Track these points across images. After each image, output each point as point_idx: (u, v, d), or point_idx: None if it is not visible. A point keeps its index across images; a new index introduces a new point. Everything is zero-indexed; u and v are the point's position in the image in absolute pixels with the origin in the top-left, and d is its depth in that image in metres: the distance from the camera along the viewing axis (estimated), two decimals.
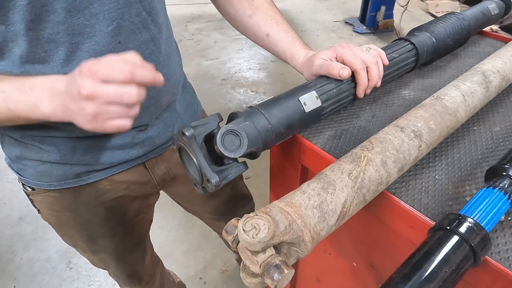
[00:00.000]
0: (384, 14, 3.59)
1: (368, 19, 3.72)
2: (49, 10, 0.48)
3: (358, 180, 0.40)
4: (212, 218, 1.03)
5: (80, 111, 0.44)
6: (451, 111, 0.52)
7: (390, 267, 0.58)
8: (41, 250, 1.71)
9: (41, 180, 0.65)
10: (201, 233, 1.76)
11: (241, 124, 0.47)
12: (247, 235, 0.33)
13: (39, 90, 0.46)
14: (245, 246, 0.33)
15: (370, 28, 3.75)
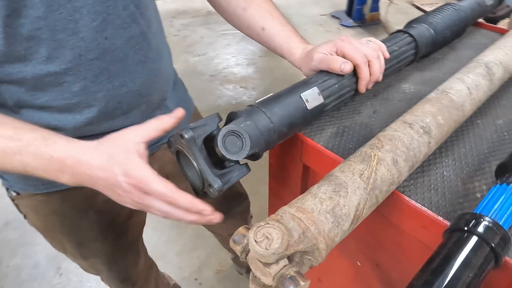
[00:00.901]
0: (370, 7, 3.60)
1: (355, 12, 3.72)
2: (27, 4, 0.44)
3: (370, 181, 0.38)
4: None
5: (123, 202, 0.45)
6: (458, 105, 0.50)
7: (397, 267, 0.57)
8: (28, 256, 1.65)
9: (27, 184, 0.61)
10: (195, 233, 1.73)
11: (242, 124, 0.44)
12: (259, 246, 0.30)
13: (57, 164, 0.43)
14: (258, 258, 0.31)
15: (357, 21, 3.75)
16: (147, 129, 0.45)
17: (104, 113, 0.56)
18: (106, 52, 0.51)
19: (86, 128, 0.57)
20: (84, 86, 0.52)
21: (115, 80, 0.54)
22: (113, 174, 0.42)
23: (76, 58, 0.49)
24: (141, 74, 0.57)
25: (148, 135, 0.44)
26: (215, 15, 4.56)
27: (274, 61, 3.15)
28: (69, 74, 0.50)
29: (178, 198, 0.42)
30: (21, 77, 0.48)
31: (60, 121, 0.54)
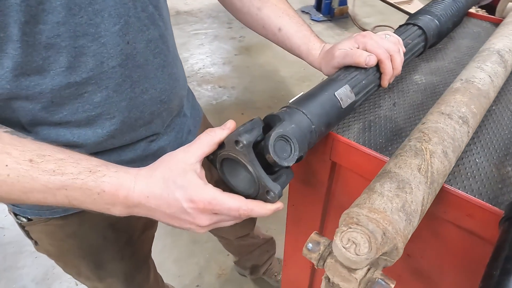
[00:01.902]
0: (339, 1, 3.67)
1: (324, 6, 3.78)
2: (46, 8, 0.40)
3: (428, 175, 0.38)
4: None
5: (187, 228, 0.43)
6: (485, 93, 0.51)
7: (429, 256, 0.58)
8: (14, 280, 1.54)
9: (42, 209, 0.57)
10: (190, 239, 1.69)
11: (288, 128, 0.43)
12: (349, 252, 0.29)
13: (109, 198, 0.40)
14: (348, 264, 0.30)
15: (326, 15, 3.81)
16: (201, 147, 0.43)
17: (126, 124, 0.53)
18: (128, 58, 0.48)
19: (108, 142, 0.53)
20: (106, 96, 0.48)
21: (137, 87, 0.51)
22: (175, 202, 0.40)
23: (98, 66, 0.46)
24: (161, 79, 0.54)
25: (203, 153, 0.42)
26: (184, 15, 4.50)
27: (250, 59, 3.13)
28: (90, 83, 0.46)
29: (254, 208, 0.41)
30: (38, 91, 0.44)
31: (80, 137, 0.50)
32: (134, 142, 0.57)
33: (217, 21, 3.76)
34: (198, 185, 0.40)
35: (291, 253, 0.87)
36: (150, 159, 0.62)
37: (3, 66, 0.40)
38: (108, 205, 0.41)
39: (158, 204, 0.40)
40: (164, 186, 0.40)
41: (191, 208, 0.40)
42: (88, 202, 0.40)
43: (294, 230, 0.80)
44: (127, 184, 0.40)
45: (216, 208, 0.40)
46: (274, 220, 1.75)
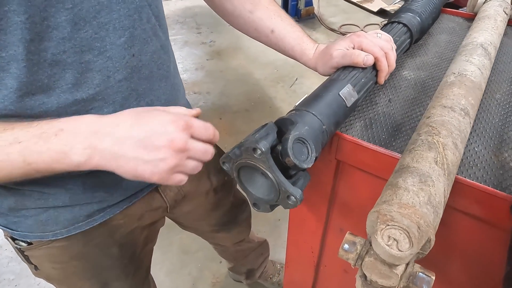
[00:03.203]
0: (305, 2, 3.73)
1: (291, 8, 3.83)
2: (51, 24, 0.38)
3: (445, 167, 0.40)
4: (212, 231, 0.97)
5: (156, 161, 0.38)
6: (478, 85, 0.54)
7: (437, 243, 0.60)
8: None
9: (44, 231, 0.53)
10: (180, 250, 1.66)
11: (303, 130, 0.43)
12: (392, 248, 0.30)
13: (68, 135, 0.37)
14: (392, 261, 0.30)
15: (294, 16, 3.86)
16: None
17: None
18: (134, 71, 0.47)
19: None
20: (113, 111, 0.46)
21: (142, 100, 0.49)
22: (150, 119, 0.38)
23: (105, 81, 0.44)
24: (165, 90, 0.53)
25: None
26: None
27: (222, 63, 3.12)
28: (97, 99, 0.44)
29: (209, 126, 0.43)
30: (43, 110, 0.41)
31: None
32: None
33: (185, 27, 3.72)
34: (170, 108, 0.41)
35: (294, 253, 0.88)
36: None
37: (7, 87, 0.38)
38: (66, 146, 0.37)
39: (129, 130, 0.38)
40: (134, 113, 0.39)
41: (167, 120, 0.39)
42: (44, 151, 0.37)
43: (297, 231, 0.81)
44: (91, 119, 0.38)
45: (192, 122, 0.40)
46: (264, 223, 1.75)
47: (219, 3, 0.67)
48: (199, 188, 0.78)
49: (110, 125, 0.38)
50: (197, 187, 0.77)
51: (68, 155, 0.37)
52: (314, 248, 0.80)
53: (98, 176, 0.53)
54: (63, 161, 0.37)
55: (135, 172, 0.39)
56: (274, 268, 1.47)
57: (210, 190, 0.82)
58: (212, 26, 3.67)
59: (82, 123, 0.38)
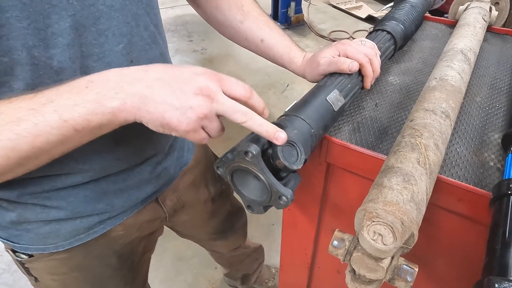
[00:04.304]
0: (294, 10, 3.79)
1: (281, 15, 3.88)
2: (56, 31, 0.40)
3: (427, 167, 0.42)
4: (210, 239, 0.98)
5: (185, 108, 0.38)
6: (458, 89, 0.57)
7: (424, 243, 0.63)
8: None
9: (45, 243, 0.54)
10: (175, 257, 1.66)
11: (292, 134, 0.46)
12: (377, 243, 0.32)
13: (98, 84, 0.37)
14: (377, 255, 0.32)
15: (284, 24, 3.92)
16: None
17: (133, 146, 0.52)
18: None
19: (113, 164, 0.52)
20: None
21: None
22: (180, 68, 0.39)
23: None
24: None
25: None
26: None
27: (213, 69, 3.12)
28: None
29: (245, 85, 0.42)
30: None
31: (86, 162, 0.49)
32: (139, 164, 0.57)
33: (176, 35, 3.75)
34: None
35: (288, 256, 0.89)
36: (154, 182, 0.62)
37: (13, 88, 0.39)
38: (99, 94, 0.37)
39: (159, 75, 0.38)
40: (164, 64, 0.40)
41: (198, 71, 0.39)
42: (78, 103, 0.37)
43: (290, 234, 0.82)
44: (118, 69, 0.39)
45: (223, 76, 0.41)
46: (258, 228, 1.76)
47: (210, 14, 0.69)
48: (197, 197, 0.80)
49: (139, 70, 0.39)
50: (195, 196, 0.79)
51: (101, 102, 0.37)
52: (307, 250, 0.81)
53: (99, 188, 0.54)
54: (98, 110, 0.37)
55: (162, 119, 0.38)
56: (269, 272, 1.48)
57: (208, 199, 0.83)
58: (203, 34, 3.71)
59: (110, 71, 0.38)
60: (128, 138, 0.53)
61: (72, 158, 0.48)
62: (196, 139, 0.41)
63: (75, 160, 0.49)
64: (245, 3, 0.67)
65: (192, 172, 0.74)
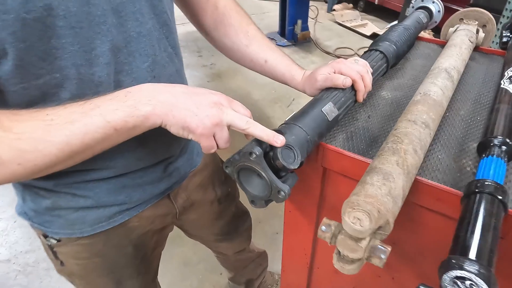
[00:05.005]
0: (301, 27, 3.92)
1: (288, 32, 4.02)
2: (98, 53, 0.49)
3: (405, 168, 0.50)
4: (216, 240, 1.05)
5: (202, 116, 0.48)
6: (439, 103, 0.65)
7: (411, 240, 0.69)
8: None
9: (73, 229, 0.62)
10: (182, 262, 1.72)
11: (290, 139, 0.53)
12: (356, 225, 0.39)
13: (134, 93, 0.47)
14: (356, 235, 0.39)
15: (290, 40, 4.05)
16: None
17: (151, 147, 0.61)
18: None
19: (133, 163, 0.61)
20: None
21: None
22: (197, 88, 0.50)
23: None
24: None
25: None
26: None
27: (222, 84, 3.26)
28: None
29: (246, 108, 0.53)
30: None
31: (111, 161, 0.58)
32: (155, 164, 0.65)
33: (187, 50, 3.89)
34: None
35: (289, 257, 0.96)
36: (167, 180, 0.70)
37: (61, 98, 0.48)
38: (135, 101, 0.46)
39: (183, 90, 0.49)
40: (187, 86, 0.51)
41: (213, 93, 0.50)
42: (119, 108, 0.46)
43: (291, 235, 0.89)
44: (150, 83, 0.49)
45: (231, 99, 0.51)
46: (262, 236, 1.82)
47: (218, 39, 0.78)
48: (205, 197, 0.87)
49: (168, 86, 0.49)
50: (203, 196, 0.86)
51: (137, 107, 0.46)
52: (307, 250, 0.88)
53: (120, 182, 0.63)
54: (133, 113, 0.46)
55: (184, 123, 0.47)
56: (272, 278, 1.53)
57: (214, 200, 0.91)
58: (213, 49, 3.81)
59: (144, 85, 0.49)
60: (147, 141, 0.61)
61: (101, 157, 0.56)
62: (207, 144, 0.50)
63: (103, 158, 0.57)
64: (250, 29, 0.76)
65: (201, 174, 0.82)
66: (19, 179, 0.46)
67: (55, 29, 0.44)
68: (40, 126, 0.43)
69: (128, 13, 0.51)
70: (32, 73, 0.46)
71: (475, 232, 0.43)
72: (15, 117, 0.43)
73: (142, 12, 0.53)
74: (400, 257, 0.73)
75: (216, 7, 0.75)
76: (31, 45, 0.43)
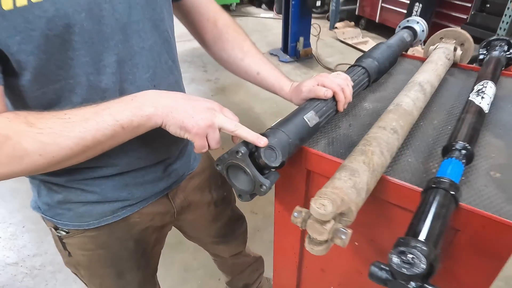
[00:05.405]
0: (303, 44, 4.05)
1: (290, 49, 4.15)
2: (106, 64, 0.58)
3: (370, 166, 0.57)
4: (213, 242, 1.12)
5: (198, 118, 0.56)
6: (409, 112, 0.72)
7: (386, 235, 0.76)
8: None
9: (81, 221, 0.70)
10: (182, 267, 1.78)
11: (273, 141, 0.61)
12: (320, 210, 0.46)
13: (139, 97, 0.56)
14: (319, 218, 0.47)
15: (293, 57, 4.17)
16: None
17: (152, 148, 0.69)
18: None
19: (135, 162, 0.69)
20: None
21: None
22: (195, 98, 0.59)
23: None
24: None
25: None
26: None
27: (226, 98, 3.37)
28: None
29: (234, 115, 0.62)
30: None
31: (117, 159, 0.66)
32: (155, 163, 0.73)
33: (193, 66, 4.03)
34: None
35: (279, 256, 1.02)
36: (165, 180, 0.78)
37: (73, 102, 0.57)
38: (141, 103, 0.55)
39: (182, 96, 0.57)
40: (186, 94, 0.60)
41: (208, 100, 0.59)
42: (126, 109, 0.54)
43: (281, 235, 0.96)
44: (155, 90, 0.58)
45: (222, 107, 0.60)
46: (260, 244, 1.88)
47: (217, 53, 0.88)
48: (202, 199, 0.95)
49: (168, 92, 0.58)
50: (200, 198, 0.94)
51: (142, 108, 0.54)
52: (295, 250, 0.95)
53: (124, 180, 0.71)
54: (138, 113, 0.54)
55: (181, 123, 0.55)
56: (268, 284, 1.58)
57: (211, 202, 0.98)
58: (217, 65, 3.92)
59: (149, 91, 0.57)
60: (148, 143, 0.70)
61: (107, 155, 0.65)
62: (200, 143, 0.58)
63: (109, 156, 0.65)
64: (245, 45, 0.85)
65: (198, 177, 0.90)
66: (39, 170, 0.54)
67: (71, 43, 0.54)
68: (59, 123, 0.51)
69: (133, 31, 0.60)
70: (51, 79, 0.55)
71: (426, 219, 0.51)
72: (39, 115, 0.52)
73: (145, 30, 0.62)
74: (377, 253, 0.79)
75: (215, 25, 0.85)
76: (51, 56, 0.53)
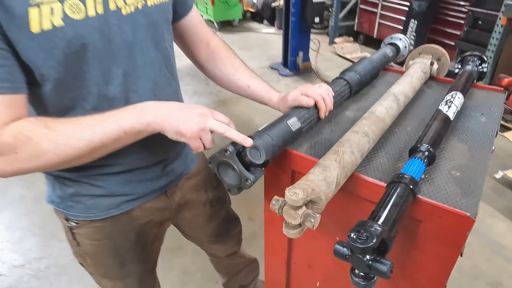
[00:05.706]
0: (302, 58, 4.18)
1: (290, 63, 4.28)
2: (113, 76, 0.68)
3: (341, 163, 0.66)
4: (209, 242, 1.20)
5: (191, 123, 0.65)
6: (381, 119, 0.82)
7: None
8: None
9: (89, 213, 0.79)
10: (181, 271, 1.85)
11: (258, 143, 0.70)
12: (293, 197, 0.55)
13: (140, 107, 0.66)
14: (292, 203, 0.56)
15: (292, 70, 4.30)
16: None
17: (152, 150, 0.79)
18: None
19: (137, 161, 0.78)
20: None
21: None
22: (187, 105, 0.67)
23: None
24: None
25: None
26: None
27: (227, 110, 3.48)
28: None
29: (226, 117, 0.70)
30: None
31: (121, 158, 0.75)
32: (155, 163, 0.83)
33: (195, 79, 4.17)
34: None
35: (270, 254, 1.10)
36: (165, 178, 0.87)
37: (85, 108, 0.67)
38: (141, 111, 0.64)
39: (177, 106, 0.66)
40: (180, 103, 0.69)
41: (200, 107, 0.67)
42: (129, 116, 0.63)
43: (270, 233, 1.04)
44: (153, 101, 0.67)
45: (214, 111, 0.68)
46: (257, 249, 1.95)
47: (210, 70, 0.98)
48: (198, 198, 1.04)
49: (166, 102, 0.67)
50: (196, 197, 1.03)
51: (142, 116, 0.63)
52: (283, 246, 1.02)
53: (127, 176, 0.80)
54: (139, 120, 0.63)
55: (177, 128, 0.64)
56: (263, 286, 1.64)
57: (206, 202, 1.07)
58: None
59: (148, 102, 0.66)
60: (148, 145, 0.79)
61: (113, 155, 0.74)
62: (195, 145, 0.67)
63: (115, 156, 0.74)
64: (235, 62, 0.96)
65: (194, 178, 0.99)
66: (54, 167, 0.63)
67: (85, 59, 0.64)
68: (72, 127, 0.61)
69: (137, 49, 0.71)
70: (68, 89, 0.65)
71: (386, 207, 0.59)
72: (57, 120, 0.62)
73: (148, 47, 0.73)
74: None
75: (208, 45, 0.96)
76: (68, 69, 0.63)
